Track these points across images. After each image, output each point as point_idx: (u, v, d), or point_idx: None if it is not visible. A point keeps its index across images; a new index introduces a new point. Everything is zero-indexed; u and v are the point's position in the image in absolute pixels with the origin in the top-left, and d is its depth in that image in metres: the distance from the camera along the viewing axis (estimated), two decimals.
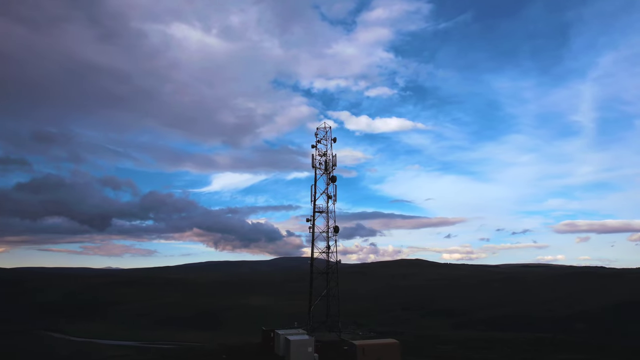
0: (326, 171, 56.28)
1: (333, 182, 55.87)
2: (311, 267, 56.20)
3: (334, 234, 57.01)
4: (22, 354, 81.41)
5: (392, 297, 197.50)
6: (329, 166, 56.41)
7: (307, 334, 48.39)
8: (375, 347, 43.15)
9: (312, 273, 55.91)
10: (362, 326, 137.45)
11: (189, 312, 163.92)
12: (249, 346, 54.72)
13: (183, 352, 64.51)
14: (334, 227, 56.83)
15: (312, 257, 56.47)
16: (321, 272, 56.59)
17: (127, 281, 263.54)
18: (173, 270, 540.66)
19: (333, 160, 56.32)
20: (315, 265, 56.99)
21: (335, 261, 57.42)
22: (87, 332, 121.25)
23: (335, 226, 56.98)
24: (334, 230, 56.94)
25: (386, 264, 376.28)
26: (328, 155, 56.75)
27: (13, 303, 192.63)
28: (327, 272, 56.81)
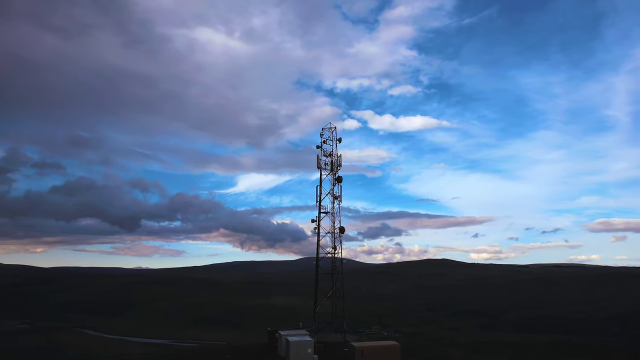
0: (332, 171, 56.26)
1: (339, 182, 55.75)
2: (316, 268, 56.10)
3: (339, 234, 56.80)
4: (60, 350, 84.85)
5: (417, 297, 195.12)
6: (334, 166, 56.34)
7: (308, 335, 48.27)
8: (374, 349, 42.70)
9: (317, 274, 55.79)
10: (387, 326, 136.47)
11: (215, 311, 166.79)
12: (257, 346, 55.17)
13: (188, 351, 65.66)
14: (340, 227, 56.62)
15: (318, 258, 56.39)
16: (327, 272, 56.38)
17: (156, 281, 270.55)
18: (200, 270, 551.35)
19: (338, 160, 56.28)
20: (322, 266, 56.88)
21: (340, 261, 57.09)
22: (119, 329, 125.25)
23: (341, 227, 56.73)
24: (339, 231, 56.73)
25: (412, 264, 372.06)
26: (333, 155, 56.73)
27: (50, 301, 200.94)
28: (332, 272, 56.57)
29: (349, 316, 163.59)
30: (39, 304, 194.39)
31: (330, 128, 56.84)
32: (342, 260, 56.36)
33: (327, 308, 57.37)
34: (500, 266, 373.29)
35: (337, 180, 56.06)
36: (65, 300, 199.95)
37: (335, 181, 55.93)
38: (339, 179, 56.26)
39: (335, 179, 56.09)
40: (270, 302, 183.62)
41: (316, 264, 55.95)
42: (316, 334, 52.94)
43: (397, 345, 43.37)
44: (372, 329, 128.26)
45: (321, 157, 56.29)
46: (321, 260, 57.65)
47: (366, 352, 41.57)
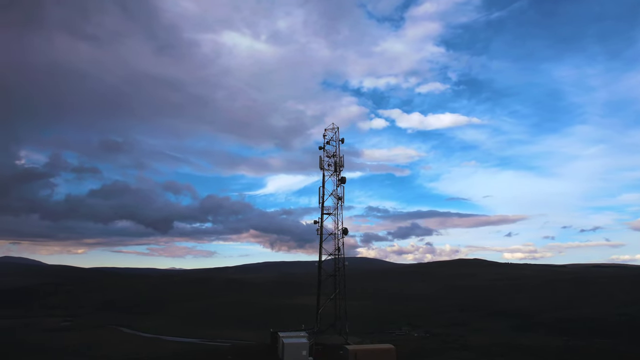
0: (335, 172, 56.00)
1: (343, 183, 55.44)
2: (319, 270, 55.75)
3: (342, 235, 56.41)
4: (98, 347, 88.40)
5: (449, 298, 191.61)
6: (337, 167, 56.07)
7: (306, 337, 48.18)
8: (368, 352, 42.36)
9: (320, 275, 55.47)
10: (417, 327, 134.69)
11: (245, 311, 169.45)
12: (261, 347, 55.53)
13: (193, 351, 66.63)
14: (343, 229, 56.25)
15: (320, 259, 56.08)
16: (330, 274, 55.98)
17: (189, 281, 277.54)
18: (231, 270, 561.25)
19: (340, 161, 55.93)
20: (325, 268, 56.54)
21: (342, 263, 56.68)
22: (153, 328, 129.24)
23: (344, 228, 56.36)
24: (342, 232, 56.31)
25: (443, 264, 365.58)
26: (336, 156, 56.45)
27: (90, 300, 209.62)
28: (335, 274, 56.19)
29: (379, 317, 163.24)
30: (80, 302, 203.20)
31: (333, 129, 56.62)
32: (344, 261, 55.99)
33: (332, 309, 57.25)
34: (536, 266, 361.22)
35: (341, 181, 55.82)
36: (103, 300, 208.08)
37: (338, 182, 55.65)
38: (342, 179, 55.98)
39: (339, 180, 55.80)
40: (299, 302, 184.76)
41: (319, 266, 55.77)
42: (318, 335, 52.93)
43: (392, 349, 43.02)
44: (402, 330, 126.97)
45: (324, 158, 56.08)
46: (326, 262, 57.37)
47: (360, 355, 41.42)
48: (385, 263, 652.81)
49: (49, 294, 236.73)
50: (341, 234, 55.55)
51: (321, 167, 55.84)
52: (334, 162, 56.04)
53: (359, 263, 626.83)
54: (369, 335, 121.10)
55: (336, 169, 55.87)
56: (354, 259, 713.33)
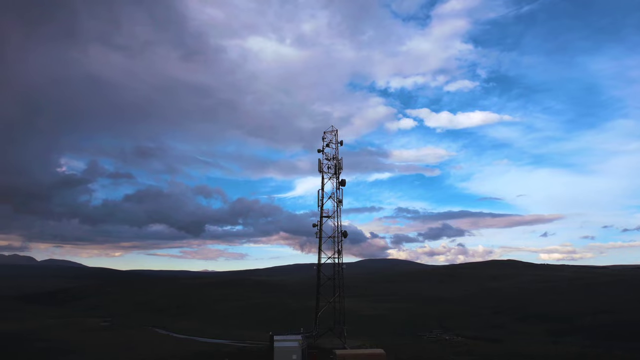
0: (335, 174, 55.64)
1: (342, 185, 55.16)
2: (318, 273, 55.47)
3: (342, 238, 55.93)
4: (135, 347, 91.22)
5: (482, 300, 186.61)
6: (337, 170, 55.74)
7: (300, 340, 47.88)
8: (358, 357, 41.80)
9: (319, 279, 55.19)
10: (448, 330, 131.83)
11: (276, 312, 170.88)
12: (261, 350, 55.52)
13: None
14: (343, 232, 55.80)
15: (320, 262, 55.71)
16: (329, 277, 55.52)
17: (221, 283, 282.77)
18: (262, 272, 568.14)
19: (339, 164, 55.62)
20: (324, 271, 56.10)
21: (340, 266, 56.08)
22: (187, 329, 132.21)
23: (344, 231, 55.89)
24: (342, 235, 55.84)
25: (476, 266, 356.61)
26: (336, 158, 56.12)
27: (127, 301, 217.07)
28: (333, 277, 55.75)
29: (409, 320, 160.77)
30: (118, 303, 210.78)
31: (332, 131, 56.47)
32: (341, 265, 55.62)
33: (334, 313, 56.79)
34: (575, 267, 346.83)
35: (341, 183, 55.66)
36: (139, 301, 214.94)
37: (338, 184, 55.47)
38: (342, 182, 55.77)
39: (339, 183, 55.59)
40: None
41: (318, 269, 55.60)
42: (317, 339, 52.88)
43: (383, 354, 42.65)
44: (433, 333, 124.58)
45: (323, 160, 55.99)
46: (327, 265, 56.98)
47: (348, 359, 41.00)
48: (416, 264, 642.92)
49: (90, 295, 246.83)
50: (340, 237, 55.35)
51: (320, 170, 55.98)
52: (335, 165, 56.06)
53: (389, 265, 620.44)
54: (400, 339, 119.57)
55: (336, 172, 55.84)
56: (385, 260, 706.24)
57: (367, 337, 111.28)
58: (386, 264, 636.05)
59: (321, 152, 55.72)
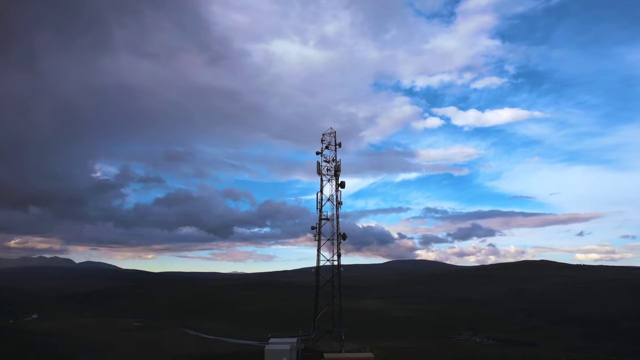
0: (335, 176, 54.99)
1: (342, 187, 54.48)
2: (317, 276, 54.54)
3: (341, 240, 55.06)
4: (165, 347, 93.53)
5: (514, 301, 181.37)
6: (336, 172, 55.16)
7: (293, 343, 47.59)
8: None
9: (318, 282, 54.28)
10: (479, 333, 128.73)
11: (303, 314, 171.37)
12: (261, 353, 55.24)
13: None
14: (342, 234, 54.92)
15: (318, 265, 54.85)
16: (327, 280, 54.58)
17: (249, 285, 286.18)
18: (290, 274, 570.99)
19: (338, 166, 55.00)
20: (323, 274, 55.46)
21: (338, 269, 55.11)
22: (216, 330, 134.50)
23: (343, 233, 54.97)
24: (341, 238, 54.97)
25: (508, 266, 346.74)
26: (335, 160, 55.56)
27: (159, 302, 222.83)
28: (332, 280, 54.76)
29: (439, 322, 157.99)
30: (150, 304, 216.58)
31: (331, 133, 55.79)
32: (339, 268, 54.66)
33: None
34: (615, 268, 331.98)
35: (340, 185, 54.95)
36: (171, 302, 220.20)
37: (337, 186, 54.77)
38: (342, 184, 55.04)
39: (339, 184, 54.89)
40: (356, 306, 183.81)
41: (316, 272, 54.81)
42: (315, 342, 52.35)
43: (371, 357, 41.96)
44: (462, 335, 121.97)
45: (322, 163, 55.35)
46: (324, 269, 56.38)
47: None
48: (445, 265, 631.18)
49: (124, 296, 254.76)
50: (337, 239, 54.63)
51: (319, 172, 55.44)
52: (335, 167, 55.60)
53: (418, 266, 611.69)
54: (431, 341, 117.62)
55: (335, 174, 55.33)
56: (413, 261, 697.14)
57: (396, 339, 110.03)
58: (415, 265, 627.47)
59: (320, 154, 55.52)
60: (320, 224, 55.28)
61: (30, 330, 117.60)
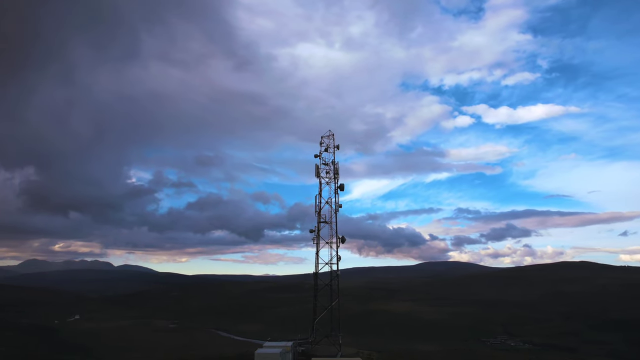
0: (334, 178, 54.46)
1: (341, 190, 53.97)
2: (315, 279, 53.88)
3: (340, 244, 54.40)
4: (197, 348, 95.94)
5: (552, 304, 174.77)
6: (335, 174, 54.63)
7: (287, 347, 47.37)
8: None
9: (316, 285, 53.58)
10: (514, 336, 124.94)
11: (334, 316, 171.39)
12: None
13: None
14: (342, 237, 54.25)
15: (317, 269, 54.20)
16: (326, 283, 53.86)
17: (281, 287, 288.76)
18: (321, 276, 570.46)
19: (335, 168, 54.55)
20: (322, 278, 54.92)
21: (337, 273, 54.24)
22: (247, 332, 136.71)
23: (342, 237, 54.30)
24: (340, 241, 54.29)
25: (545, 267, 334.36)
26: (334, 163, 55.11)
27: (192, 304, 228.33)
28: (330, 284, 53.97)
29: (473, 325, 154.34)
30: (184, 306, 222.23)
31: (330, 136, 55.38)
32: (337, 272, 53.95)
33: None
34: None
35: (340, 188, 54.51)
36: (204, 304, 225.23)
37: (337, 189, 54.32)
38: (341, 186, 54.55)
39: (338, 187, 54.42)
40: (386, 308, 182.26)
41: (315, 276, 54.29)
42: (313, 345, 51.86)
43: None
44: (497, 339, 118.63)
45: (320, 165, 54.98)
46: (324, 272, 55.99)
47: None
48: (479, 267, 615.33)
49: (159, 298, 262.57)
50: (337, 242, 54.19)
51: (317, 175, 55.23)
52: (333, 169, 55.40)
53: (450, 267, 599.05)
54: (463, 344, 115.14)
55: (334, 176, 55.07)
56: (445, 263, 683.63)
57: (426, 342, 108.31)
58: (447, 267, 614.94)
59: (318, 157, 55.58)
60: (319, 227, 55.58)
61: (72, 329, 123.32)
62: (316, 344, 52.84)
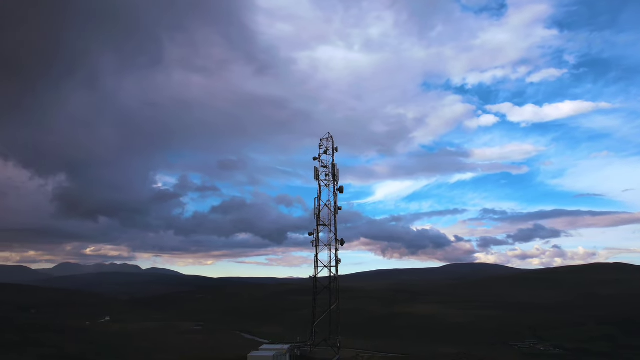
0: (333, 180, 53.78)
1: (340, 192, 53.41)
2: (315, 282, 53.47)
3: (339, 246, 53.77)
4: (221, 350, 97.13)
5: (584, 308, 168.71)
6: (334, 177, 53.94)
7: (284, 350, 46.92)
8: None
9: (315, 288, 53.19)
10: (544, 341, 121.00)
11: (358, 319, 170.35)
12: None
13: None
14: (340, 240, 53.68)
15: (316, 271, 53.66)
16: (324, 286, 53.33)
17: (304, 289, 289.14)
18: (346, 279, 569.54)
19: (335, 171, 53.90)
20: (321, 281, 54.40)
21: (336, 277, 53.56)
22: (271, 334, 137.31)
23: (341, 239, 53.78)
24: (339, 243, 53.72)
25: (576, 269, 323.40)
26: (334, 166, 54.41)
27: (217, 306, 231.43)
28: (329, 286, 53.45)
29: (500, 328, 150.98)
30: (209, 309, 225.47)
31: (328, 138, 54.96)
32: (336, 275, 53.55)
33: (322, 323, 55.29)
34: None
35: (339, 190, 54.10)
36: (229, 307, 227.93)
37: (336, 191, 53.82)
38: (340, 189, 54.18)
39: (337, 189, 53.94)
40: (410, 311, 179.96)
41: (314, 279, 53.99)
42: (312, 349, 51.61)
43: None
44: (525, 343, 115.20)
45: (319, 168, 54.57)
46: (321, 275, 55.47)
47: None
48: (507, 269, 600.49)
49: (185, 301, 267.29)
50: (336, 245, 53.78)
51: (316, 177, 54.99)
52: (332, 172, 55.02)
53: (476, 269, 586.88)
54: (489, 348, 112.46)
55: (333, 179, 54.68)
56: (471, 265, 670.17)
57: (449, 345, 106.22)
58: (473, 269, 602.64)
59: (317, 159, 55.33)
60: (318, 229, 55.66)
61: (102, 331, 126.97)
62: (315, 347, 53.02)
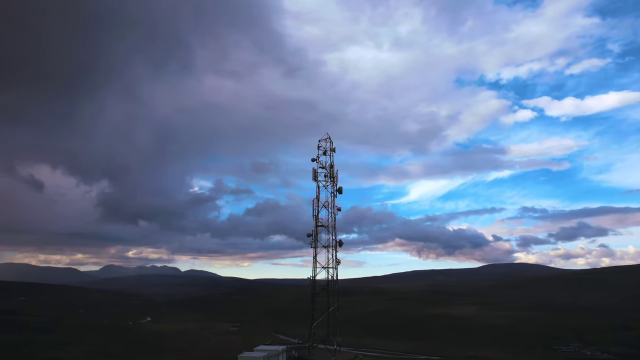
0: (332, 181, 52.68)
1: (340, 193, 52.39)
2: (313, 283, 52.72)
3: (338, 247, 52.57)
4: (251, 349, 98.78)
5: (632, 310, 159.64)
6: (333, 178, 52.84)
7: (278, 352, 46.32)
8: None
9: (314, 289, 52.42)
10: (590, 345, 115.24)
11: (393, 320, 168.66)
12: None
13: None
14: (339, 241, 52.49)
15: (315, 272, 52.70)
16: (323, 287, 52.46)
17: (340, 291, 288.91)
18: (380, 280, 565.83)
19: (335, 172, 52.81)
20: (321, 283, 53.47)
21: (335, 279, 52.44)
22: (305, 335, 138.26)
23: (340, 240, 52.55)
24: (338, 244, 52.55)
25: (626, 269, 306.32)
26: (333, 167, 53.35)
27: (254, 307, 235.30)
28: (327, 288, 52.49)
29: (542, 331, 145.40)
30: (246, 310, 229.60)
31: (327, 139, 54.20)
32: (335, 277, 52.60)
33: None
34: None
35: (338, 191, 53.19)
36: (265, 308, 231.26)
37: (336, 192, 52.88)
38: (339, 190, 53.29)
39: (336, 190, 53.03)
40: (446, 312, 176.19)
41: (313, 280, 53.36)
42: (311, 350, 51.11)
43: None
44: (570, 347, 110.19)
45: (318, 169, 53.84)
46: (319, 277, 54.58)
47: None
48: (549, 269, 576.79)
49: (222, 302, 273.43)
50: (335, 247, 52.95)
51: (314, 178, 54.52)
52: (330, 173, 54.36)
53: (516, 269, 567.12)
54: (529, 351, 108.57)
55: (332, 180, 53.95)
56: (511, 265, 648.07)
57: (486, 348, 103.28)
58: (513, 269, 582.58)
59: (315, 160, 54.90)
60: (317, 230, 55.44)
61: (143, 331, 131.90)
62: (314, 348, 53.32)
